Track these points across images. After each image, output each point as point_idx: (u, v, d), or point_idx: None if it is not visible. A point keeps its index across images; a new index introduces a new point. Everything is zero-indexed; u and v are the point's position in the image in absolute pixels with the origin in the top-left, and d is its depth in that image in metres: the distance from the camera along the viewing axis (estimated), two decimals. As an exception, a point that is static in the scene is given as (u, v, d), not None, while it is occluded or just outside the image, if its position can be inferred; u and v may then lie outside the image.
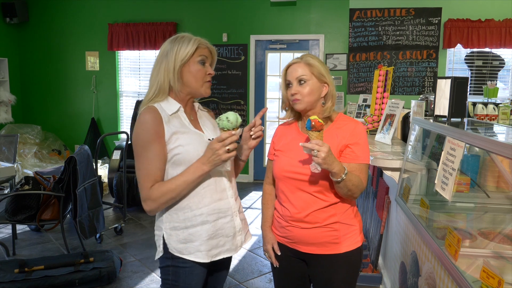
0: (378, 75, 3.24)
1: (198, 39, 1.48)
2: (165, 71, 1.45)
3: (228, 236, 1.50)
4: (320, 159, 1.32)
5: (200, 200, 1.44)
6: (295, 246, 1.59)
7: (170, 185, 1.39)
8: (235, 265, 3.32)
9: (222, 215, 1.48)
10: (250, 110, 6.13)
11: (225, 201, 1.49)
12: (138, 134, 1.40)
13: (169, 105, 1.46)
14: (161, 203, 1.40)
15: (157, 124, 1.40)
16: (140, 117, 1.42)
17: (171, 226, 1.46)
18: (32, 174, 3.36)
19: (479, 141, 1.39)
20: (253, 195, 5.44)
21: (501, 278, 1.13)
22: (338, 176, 1.39)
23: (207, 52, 1.50)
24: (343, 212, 1.55)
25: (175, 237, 1.45)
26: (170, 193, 1.38)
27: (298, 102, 1.52)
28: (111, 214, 4.63)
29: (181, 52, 1.44)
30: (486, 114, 3.13)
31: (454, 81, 1.80)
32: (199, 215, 1.44)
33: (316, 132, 1.36)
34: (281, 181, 1.60)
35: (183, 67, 1.45)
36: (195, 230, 1.44)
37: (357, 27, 5.71)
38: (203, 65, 1.48)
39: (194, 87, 1.48)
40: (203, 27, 6.06)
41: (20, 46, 6.77)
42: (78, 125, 6.68)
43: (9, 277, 2.74)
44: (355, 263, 1.59)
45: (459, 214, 1.88)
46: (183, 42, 1.45)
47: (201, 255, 1.45)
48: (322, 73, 1.53)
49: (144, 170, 1.40)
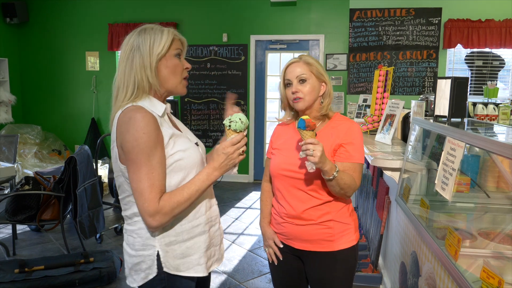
0: (378, 75, 3.24)
1: (172, 30, 1.33)
2: (140, 67, 1.27)
3: (217, 245, 1.43)
4: (316, 158, 1.33)
5: (197, 210, 1.33)
6: (290, 242, 1.62)
7: (183, 195, 1.23)
8: (235, 265, 3.31)
9: (213, 223, 1.41)
10: (250, 110, 6.13)
11: (214, 207, 1.43)
12: (138, 138, 1.18)
13: (154, 106, 1.29)
14: (173, 215, 1.23)
15: (157, 128, 1.22)
16: (133, 118, 1.20)
17: (166, 242, 1.29)
18: (32, 174, 3.37)
19: (479, 141, 1.39)
20: (253, 195, 5.44)
21: (501, 278, 1.12)
22: (330, 174, 1.40)
23: (180, 44, 1.35)
24: (337, 211, 1.57)
25: (172, 253, 1.29)
26: (184, 204, 1.24)
27: (300, 101, 1.55)
28: (111, 214, 4.63)
29: (156, 44, 1.27)
30: (486, 114, 3.13)
31: (454, 81, 1.80)
32: (197, 225, 1.33)
33: (310, 132, 1.37)
34: (276, 179, 1.63)
35: (159, 62, 1.29)
36: (193, 242, 1.32)
37: (357, 27, 5.71)
38: (179, 58, 1.34)
39: (172, 84, 1.32)
40: (203, 27, 6.06)
41: (20, 46, 6.77)
42: (78, 125, 6.68)
43: (9, 277, 2.74)
44: (351, 262, 1.60)
45: (459, 214, 1.88)
46: (155, 34, 1.29)
47: (200, 269, 1.32)
48: (321, 72, 1.58)
49: (149, 181, 1.20)
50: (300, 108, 1.57)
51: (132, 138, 1.19)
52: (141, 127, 1.19)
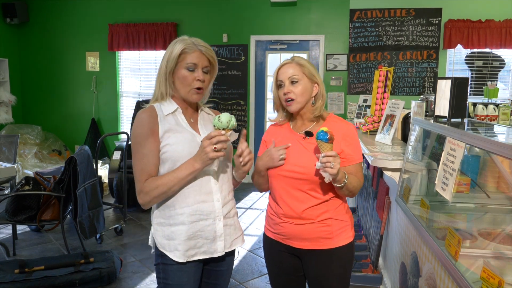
0: (378, 76, 3.24)
1: (185, 42, 1.46)
2: (158, 77, 1.51)
3: (207, 238, 1.49)
4: (335, 170, 1.38)
5: (183, 199, 1.46)
6: (289, 242, 1.62)
7: (162, 179, 1.42)
8: (235, 266, 3.31)
9: (203, 217, 1.48)
10: (250, 111, 6.13)
11: (209, 204, 1.48)
12: (134, 131, 1.47)
13: (168, 105, 1.51)
14: (153, 196, 1.43)
15: (152, 122, 1.45)
16: (137, 117, 1.49)
17: (158, 222, 1.51)
18: (33, 175, 3.36)
19: (480, 142, 1.39)
20: (253, 196, 5.44)
21: (501, 279, 1.13)
22: (341, 181, 1.46)
23: (197, 56, 1.46)
24: (335, 209, 1.59)
25: (161, 232, 1.49)
26: (161, 187, 1.41)
27: (292, 103, 1.57)
28: (111, 215, 4.63)
29: (170, 58, 1.46)
30: (487, 115, 3.14)
31: (454, 81, 1.80)
32: (180, 214, 1.46)
33: (330, 144, 1.40)
34: (274, 179, 1.63)
35: (174, 74, 1.48)
36: (176, 229, 1.47)
37: (357, 27, 5.71)
38: (192, 70, 1.47)
39: (182, 93, 1.50)
40: (203, 28, 6.06)
41: (21, 47, 6.77)
42: (78, 126, 6.68)
43: (9, 277, 2.74)
44: (348, 258, 1.63)
45: (460, 215, 1.88)
46: (173, 47, 1.47)
47: (178, 254, 1.46)
48: (313, 73, 1.59)
49: (140, 165, 1.45)
50: (292, 110, 1.59)
51: (132, 131, 1.50)
52: (137, 123, 1.47)
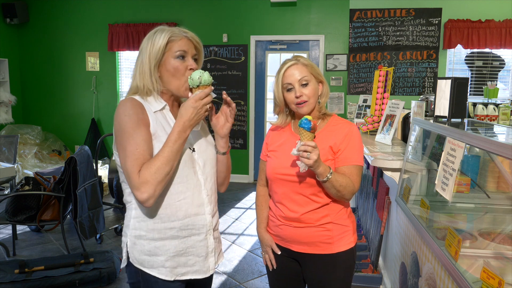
0: (378, 76, 3.24)
1: (171, 30, 1.30)
2: (139, 73, 1.30)
3: (200, 256, 1.36)
4: (311, 161, 1.33)
5: (173, 212, 1.30)
6: (288, 245, 1.60)
7: (158, 159, 1.20)
8: (235, 266, 3.31)
9: (195, 232, 1.34)
10: (250, 111, 6.13)
11: (201, 217, 1.35)
12: (121, 122, 1.24)
13: (154, 102, 1.31)
14: (158, 181, 1.20)
15: (142, 112, 1.26)
16: (119, 107, 1.27)
17: (136, 234, 1.31)
18: (32, 175, 3.37)
19: (480, 142, 1.39)
20: (253, 196, 5.44)
21: (501, 279, 1.12)
22: (323, 176, 1.40)
23: (185, 43, 1.30)
24: (336, 213, 1.55)
25: (140, 247, 1.31)
26: (163, 167, 1.20)
27: (305, 104, 1.52)
28: (111, 215, 4.63)
29: (154, 49, 1.28)
30: (486, 115, 3.14)
31: (454, 81, 1.80)
32: (169, 228, 1.30)
33: (311, 134, 1.36)
34: (274, 182, 1.60)
35: (159, 67, 1.30)
36: (162, 244, 1.30)
37: (357, 27, 5.71)
38: (183, 59, 1.30)
39: (174, 87, 1.31)
40: (203, 28, 6.06)
41: (21, 47, 6.77)
42: (78, 126, 6.68)
43: (9, 277, 2.74)
44: (349, 264, 1.59)
45: (460, 215, 1.88)
46: (155, 38, 1.29)
47: (164, 271, 1.30)
48: (318, 71, 1.56)
49: (133, 157, 1.21)
50: (305, 112, 1.53)
51: (117, 123, 1.26)
52: (123, 111, 1.25)
